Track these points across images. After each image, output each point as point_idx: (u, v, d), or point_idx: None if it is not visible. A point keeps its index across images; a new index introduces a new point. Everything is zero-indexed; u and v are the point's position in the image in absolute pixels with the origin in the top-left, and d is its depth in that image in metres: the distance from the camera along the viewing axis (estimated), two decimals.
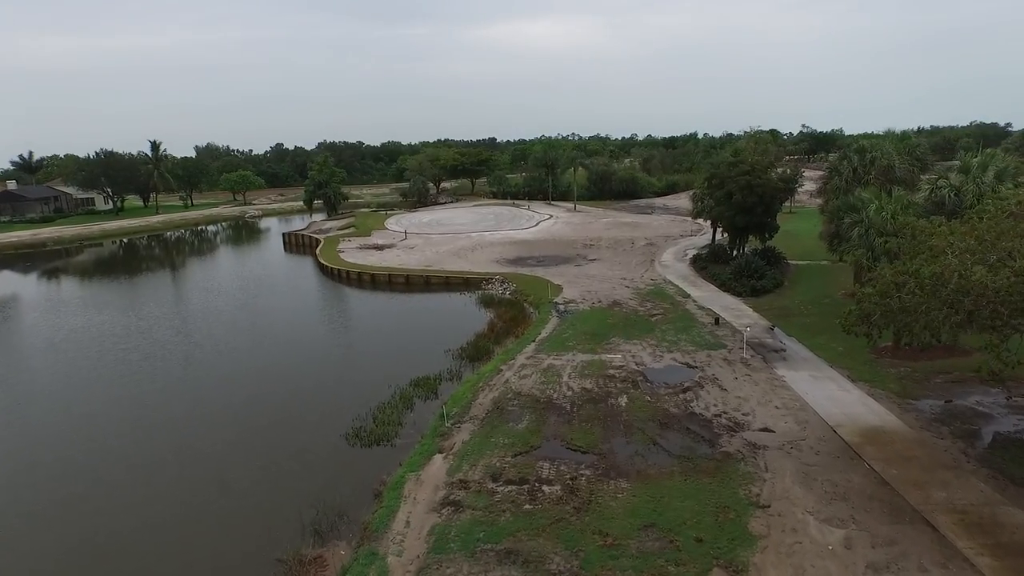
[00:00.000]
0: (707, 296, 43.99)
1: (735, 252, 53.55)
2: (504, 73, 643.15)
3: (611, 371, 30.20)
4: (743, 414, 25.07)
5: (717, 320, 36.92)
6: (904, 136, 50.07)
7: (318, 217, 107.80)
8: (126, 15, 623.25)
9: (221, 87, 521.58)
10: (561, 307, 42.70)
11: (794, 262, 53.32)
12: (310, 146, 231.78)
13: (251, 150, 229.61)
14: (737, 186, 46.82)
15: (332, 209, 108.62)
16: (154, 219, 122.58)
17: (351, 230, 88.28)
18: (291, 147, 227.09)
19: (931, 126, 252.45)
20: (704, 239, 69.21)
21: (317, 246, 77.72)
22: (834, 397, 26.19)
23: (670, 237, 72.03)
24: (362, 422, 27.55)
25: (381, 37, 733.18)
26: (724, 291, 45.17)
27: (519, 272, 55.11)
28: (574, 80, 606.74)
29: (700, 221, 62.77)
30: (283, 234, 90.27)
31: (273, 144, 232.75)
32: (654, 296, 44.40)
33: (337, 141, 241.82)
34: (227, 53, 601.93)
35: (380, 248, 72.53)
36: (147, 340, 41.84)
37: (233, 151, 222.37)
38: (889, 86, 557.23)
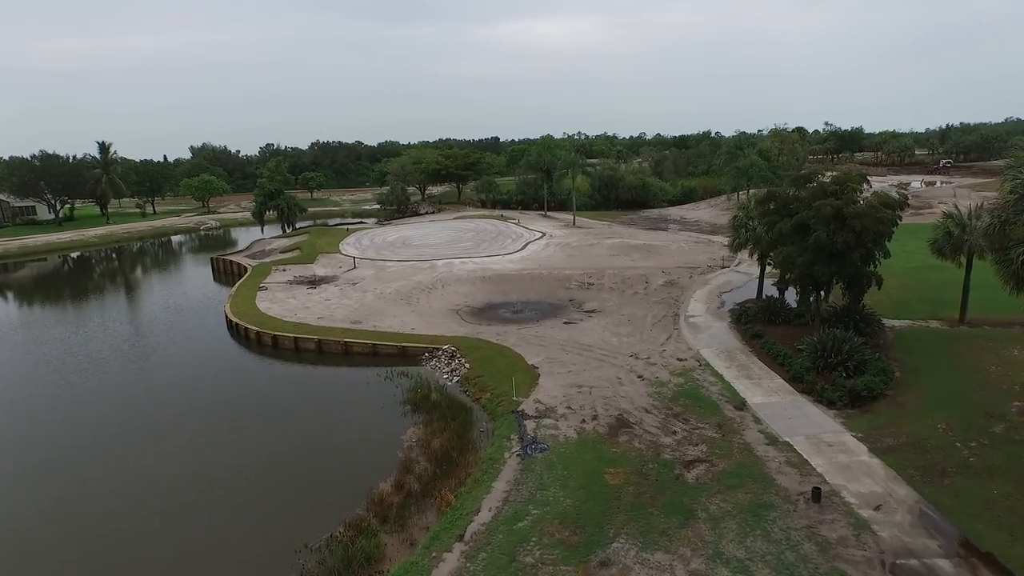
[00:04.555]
0: (776, 404, 26.35)
1: (805, 309, 35.93)
2: (509, 72, 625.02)
3: None
4: None
5: (817, 494, 19.21)
6: None
7: (271, 232, 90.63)
8: (128, 16, 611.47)
9: (225, 87, 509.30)
10: (530, 426, 25.20)
11: (888, 323, 35.65)
12: (305, 146, 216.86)
13: (239, 151, 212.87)
14: (819, 216, 29.17)
15: (288, 223, 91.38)
16: (91, 232, 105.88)
17: (295, 253, 71.19)
18: (289, 148, 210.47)
19: (960, 123, 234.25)
20: (741, 274, 51.70)
21: (243, 276, 60.96)
22: None
23: (695, 269, 54.33)
24: None
25: (388, 36, 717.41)
26: (799, 390, 27.47)
27: (481, 336, 37.65)
28: (580, 79, 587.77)
29: (745, 253, 45.12)
30: (211, 258, 73.28)
31: (263, 144, 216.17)
32: (687, 403, 26.77)
33: (332, 141, 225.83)
34: (232, 53, 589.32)
35: (315, 283, 55.39)
36: None
37: (232, 152, 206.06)
38: (900, 83, 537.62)
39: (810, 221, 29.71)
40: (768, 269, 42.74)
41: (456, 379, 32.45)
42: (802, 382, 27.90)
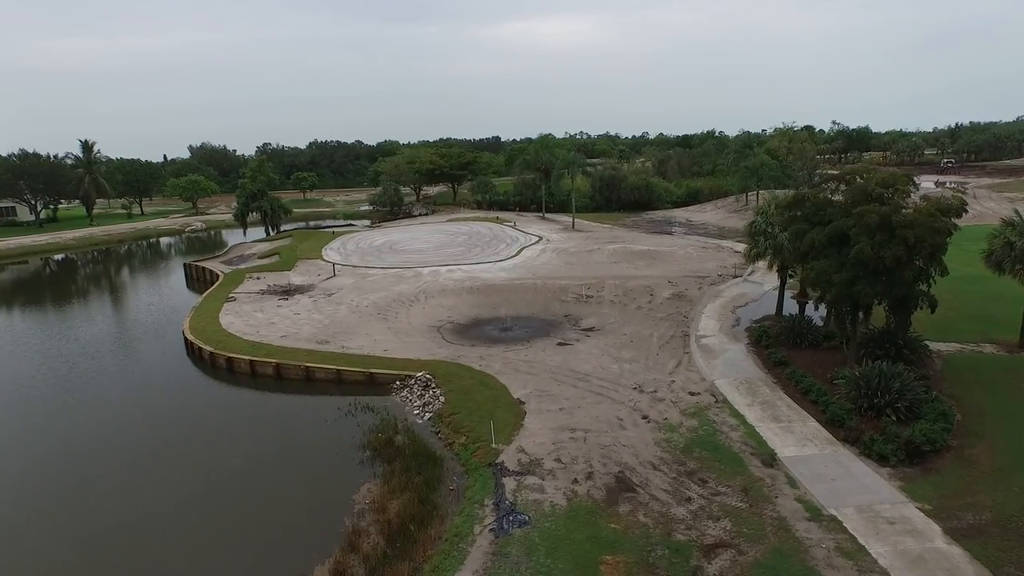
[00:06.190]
0: (813, 458, 21.39)
1: (838, 330, 31.08)
2: (511, 72, 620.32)
3: None
4: None
5: None
6: None
7: (253, 235, 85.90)
8: (128, 16, 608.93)
9: (225, 87, 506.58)
10: (510, 486, 20.31)
11: (933, 346, 30.66)
12: (305, 146, 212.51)
13: (235, 150, 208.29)
14: (861, 225, 24.21)
15: (272, 226, 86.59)
16: (69, 235, 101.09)
17: (274, 259, 66.38)
18: (287, 147, 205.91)
19: (970, 122, 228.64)
20: (755, 284, 46.88)
21: (214, 284, 56.25)
22: None
23: (705, 278, 49.38)
24: None
25: (389, 36, 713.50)
26: (840, 438, 22.50)
27: (462, 360, 32.73)
28: (582, 79, 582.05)
29: (763, 263, 40.28)
30: (184, 265, 68.58)
31: (261, 144, 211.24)
32: (704, 456, 21.82)
33: (331, 141, 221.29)
34: (232, 53, 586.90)
35: (289, 293, 50.58)
36: None
37: (230, 152, 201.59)
38: (904, 83, 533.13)
39: (850, 231, 24.76)
40: (789, 281, 38.06)
41: (428, 416, 27.55)
42: (843, 427, 22.95)
